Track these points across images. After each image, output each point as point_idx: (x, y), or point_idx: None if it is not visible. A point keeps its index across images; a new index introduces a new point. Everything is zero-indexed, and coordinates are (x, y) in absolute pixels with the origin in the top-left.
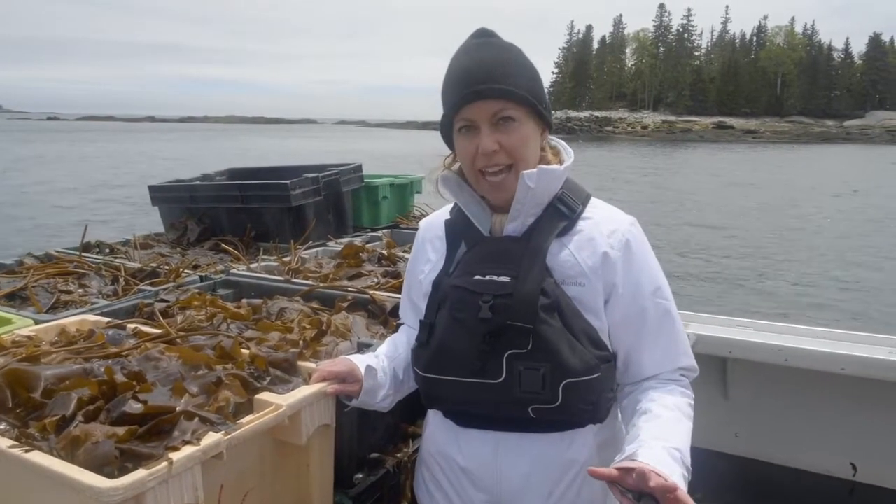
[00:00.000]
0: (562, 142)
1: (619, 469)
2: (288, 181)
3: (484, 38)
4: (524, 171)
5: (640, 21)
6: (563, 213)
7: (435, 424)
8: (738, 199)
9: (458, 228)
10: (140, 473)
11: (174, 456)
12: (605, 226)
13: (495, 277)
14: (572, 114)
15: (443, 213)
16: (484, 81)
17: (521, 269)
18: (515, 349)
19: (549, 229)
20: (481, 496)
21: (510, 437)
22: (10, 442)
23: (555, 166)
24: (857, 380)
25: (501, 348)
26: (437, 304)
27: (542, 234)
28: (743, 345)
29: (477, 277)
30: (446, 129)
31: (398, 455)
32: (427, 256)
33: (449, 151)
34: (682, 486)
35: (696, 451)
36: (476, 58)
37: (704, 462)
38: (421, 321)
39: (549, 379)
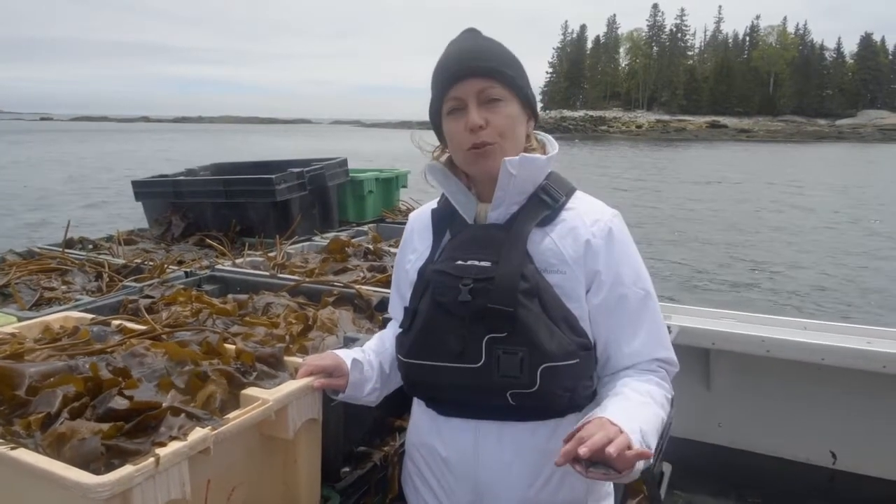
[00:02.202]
0: (547, 135)
1: (570, 436)
2: (273, 176)
3: (470, 33)
4: (506, 158)
5: (633, 21)
6: (545, 202)
7: (417, 415)
8: (730, 194)
9: (443, 217)
10: (127, 469)
11: (161, 451)
12: (587, 216)
13: (476, 262)
14: (567, 113)
15: (430, 205)
16: (472, 61)
17: (501, 255)
18: (495, 333)
19: (531, 217)
20: (462, 486)
21: (490, 425)
22: None
23: (537, 155)
24: (836, 370)
25: (481, 332)
26: (420, 290)
27: (524, 222)
28: (725, 336)
29: (459, 262)
30: (435, 116)
31: (385, 449)
32: (413, 246)
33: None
34: (635, 444)
35: (679, 441)
36: (463, 45)
37: (688, 451)
38: (405, 308)
39: (526, 363)
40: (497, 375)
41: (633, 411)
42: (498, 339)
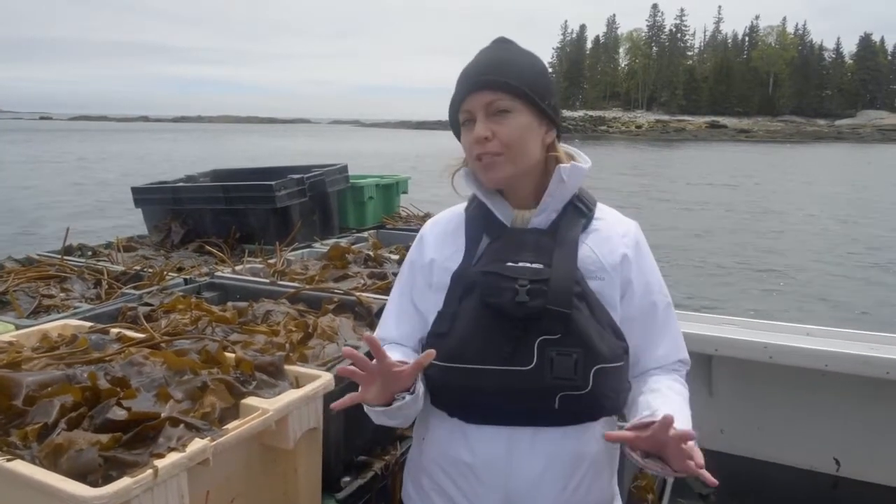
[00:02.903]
0: (575, 149)
1: (632, 428)
2: (273, 182)
3: (498, 44)
4: (560, 165)
5: (633, 21)
6: (581, 210)
7: (438, 428)
8: (736, 196)
9: (479, 222)
10: (125, 481)
11: (159, 463)
12: (618, 227)
13: (528, 264)
14: (567, 113)
15: (452, 212)
16: (481, 74)
17: (553, 259)
18: (547, 335)
19: (574, 224)
20: (492, 494)
21: (524, 431)
22: None
23: (582, 164)
24: (840, 376)
25: (533, 334)
26: (459, 293)
27: (568, 228)
28: (728, 342)
29: (510, 263)
30: (455, 127)
31: (386, 458)
32: (439, 251)
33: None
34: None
35: None
36: (482, 57)
37: None
38: (439, 312)
39: (581, 364)
40: (550, 378)
41: (681, 413)
42: (550, 341)
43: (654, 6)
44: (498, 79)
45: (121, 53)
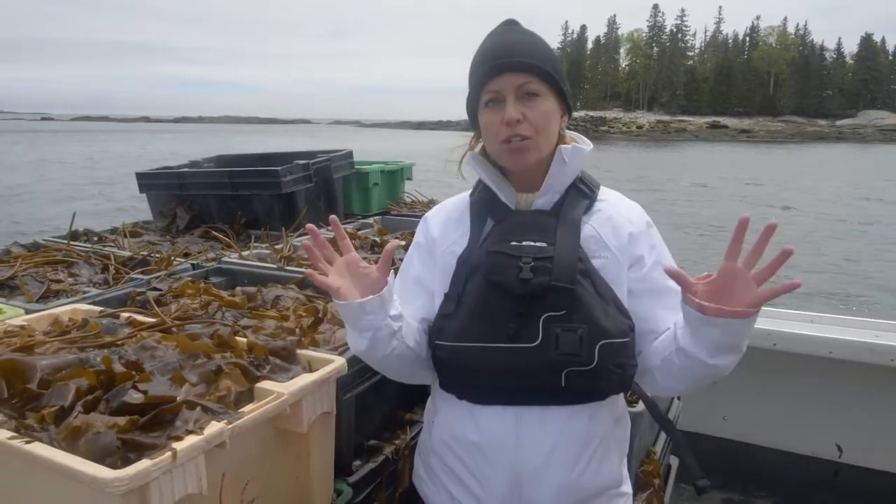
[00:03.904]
0: (576, 133)
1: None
2: (279, 168)
3: (510, 25)
4: (562, 146)
5: (633, 21)
6: (584, 192)
7: (446, 410)
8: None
9: (483, 205)
10: (144, 463)
11: (178, 446)
12: (620, 207)
13: (532, 243)
14: None
15: (457, 198)
16: (511, 55)
17: (556, 237)
18: (552, 311)
19: (576, 205)
20: (500, 474)
21: (532, 410)
22: (10, 433)
23: (583, 146)
24: (843, 363)
25: (538, 311)
26: (465, 275)
27: (570, 208)
28: None
29: (514, 243)
30: (472, 106)
31: (396, 442)
32: (445, 235)
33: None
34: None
35: (685, 434)
36: (504, 38)
37: (694, 445)
38: (446, 294)
39: (586, 340)
40: (555, 354)
41: None
42: (555, 317)
43: (655, 6)
44: (531, 61)
45: (120, 54)
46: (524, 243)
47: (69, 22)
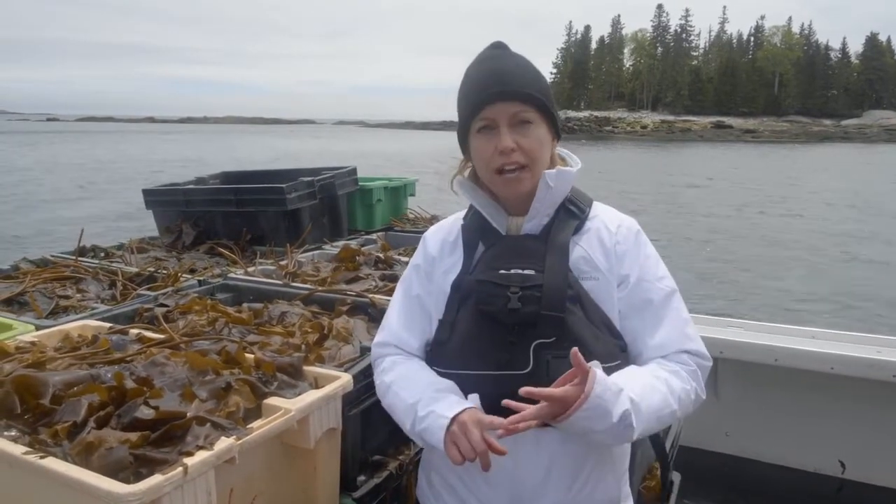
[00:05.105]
0: (567, 151)
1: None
2: (284, 185)
3: (500, 50)
4: (546, 171)
5: (638, 21)
6: (573, 213)
7: None
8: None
9: (474, 230)
10: (157, 479)
11: (189, 461)
12: (610, 224)
13: (520, 271)
14: (571, 114)
15: (452, 220)
16: (506, 84)
17: (545, 264)
18: (542, 339)
19: (565, 227)
20: (499, 495)
21: (527, 433)
22: (24, 448)
23: (569, 168)
24: (845, 378)
25: (528, 339)
26: (457, 302)
27: (559, 231)
28: (734, 345)
29: (502, 271)
30: (463, 131)
31: (400, 457)
32: (441, 261)
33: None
34: (597, 388)
35: (687, 450)
36: (496, 65)
37: (695, 461)
38: (440, 321)
39: None
40: (547, 381)
41: (633, 381)
42: (546, 344)
43: (659, 6)
44: (525, 90)
45: (121, 54)
46: (512, 271)
47: (71, 23)
